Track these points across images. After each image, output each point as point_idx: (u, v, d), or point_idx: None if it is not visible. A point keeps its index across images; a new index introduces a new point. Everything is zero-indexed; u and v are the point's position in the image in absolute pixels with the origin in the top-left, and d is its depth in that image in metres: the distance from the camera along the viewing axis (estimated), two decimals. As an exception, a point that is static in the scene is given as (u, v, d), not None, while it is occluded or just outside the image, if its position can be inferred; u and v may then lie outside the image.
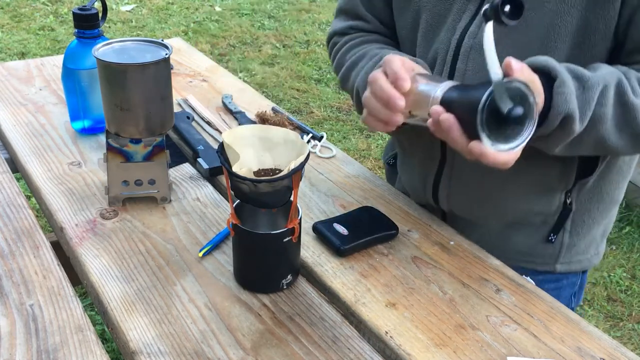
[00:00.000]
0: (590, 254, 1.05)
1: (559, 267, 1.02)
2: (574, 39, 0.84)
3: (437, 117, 0.73)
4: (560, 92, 0.76)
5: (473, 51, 0.90)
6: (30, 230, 0.93)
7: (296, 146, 0.82)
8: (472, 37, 0.90)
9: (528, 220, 0.99)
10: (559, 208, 0.97)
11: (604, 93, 0.78)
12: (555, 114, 0.77)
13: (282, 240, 0.81)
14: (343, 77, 1.04)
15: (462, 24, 0.91)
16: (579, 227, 1.00)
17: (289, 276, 0.85)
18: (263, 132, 0.84)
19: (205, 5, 4.69)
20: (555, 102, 0.76)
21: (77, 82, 1.14)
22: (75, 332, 0.76)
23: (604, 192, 0.99)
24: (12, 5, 4.39)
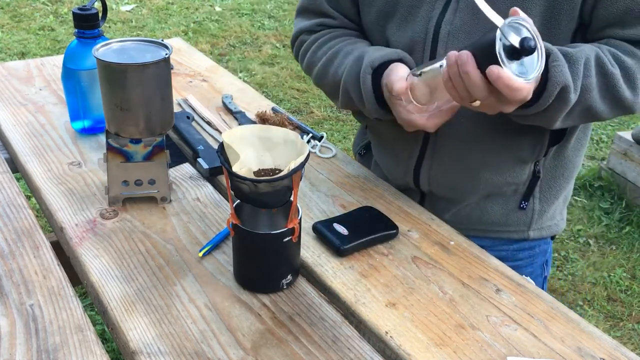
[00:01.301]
0: (556, 219, 1.12)
1: (531, 233, 1.08)
2: (542, 19, 0.89)
3: (453, 60, 0.77)
4: (556, 65, 0.82)
5: (451, 37, 0.94)
6: (30, 230, 0.93)
7: (296, 146, 0.82)
8: (449, 23, 0.94)
9: (502, 190, 1.04)
10: (529, 177, 1.03)
11: (587, 65, 0.85)
12: (553, 85, 0.82)
13: (282, 240, 0.81)
14: (319, 74, 1.07)
15: (436, 12, 0.95)
16: (547, 193, 1.07)
17: (289, 276, 0.84)
18: (263, 132, 0.84)
19: (205, 5, 4.69)
20: (551, 74, 0.82)
21: (77, 82, 1.14)
22: (75, 332, 0.76)
23: (566, 158, 1.06)
24: (12, 5, 4.39)
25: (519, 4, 0.88)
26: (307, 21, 1.11)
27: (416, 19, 0.97)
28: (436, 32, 0.95)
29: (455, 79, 0.78)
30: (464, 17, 0.93)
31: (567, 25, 0.90)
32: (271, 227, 0.87)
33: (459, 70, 0.77)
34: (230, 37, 4.18)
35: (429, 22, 0.96)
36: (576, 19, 0.90)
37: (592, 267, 2.34)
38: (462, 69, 0.76)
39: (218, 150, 0.80)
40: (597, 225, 2.53)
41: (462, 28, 0.93)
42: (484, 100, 0.79)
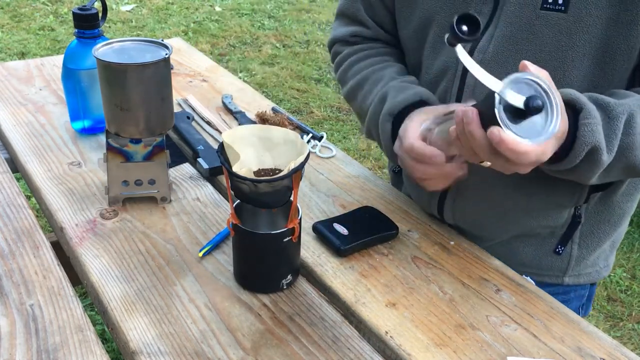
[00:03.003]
0: (599, 266, 1.03)
1: (567, 279, 1.00)
2: (594, 58, 0.82)
3: (460, 116, 0.71)
4: (586, 124, 0.75)
5: (483, 66, 0.85)
6: (30, 230, 0.93)
7: (296, 146, 0.82)
8: (482, 51, 0.88)
9: (535, 232, 0.97)
10: (567, 220, 0.95)
11: (630, 122, 0.77)
12: (581, 145, 0.75)
13: (282, 240, 0.81)
14: (348, 95, 1.05)
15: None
16: (588, 239, 0.98)
17: (289, 276, 0.84)
18: (263, 132, 0.84)
19: (205, 5, 4.69)
20: (580, 133, 0.75)
21: (77, 82, 1.14)
22: (75, 332, 0.76)
23: (614, 204, 0.97)
24: (12, 5, 4.39)
25: (567, 42, 0.82)
26: (343, 28, 1.08)
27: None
28: None
29: (462, 138, 0.73)
30: (499, 47, 0.86)
31: (624, 64, 0.82)
32: (271, 227, 0.87)
33: (464, 128, 0.71)
34: (230, 37, 4.18)
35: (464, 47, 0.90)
36: (635, 58, 0.82)
37: (592, 267, 2.34)
38: (467, 129, 0.71)
39: (218, 150, 0.80)
40: (597, 225, 2.53)
41: (494, 58, 0.87)
42: (492, 161, 0.73)
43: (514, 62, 0.85)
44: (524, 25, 0.84)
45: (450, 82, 0.92)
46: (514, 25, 0.85)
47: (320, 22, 4.50)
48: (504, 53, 0.86)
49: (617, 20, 0.79)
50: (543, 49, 0.84)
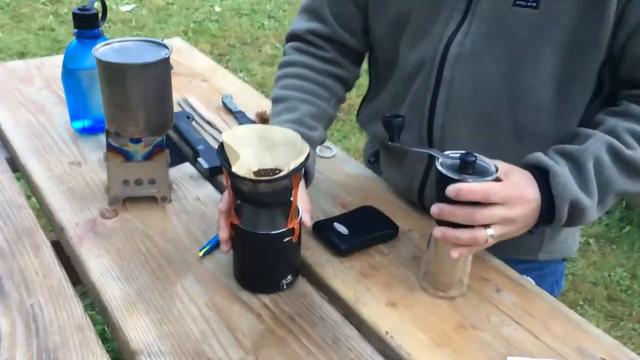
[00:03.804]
0: (569, 242, 1.09)
1: (541, 256, 1.06)
2: (563, 52, 0.85)
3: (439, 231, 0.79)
4: (557, 183, 0.81)
5: (459, 60, 0.91)
6: (30, 229, 0.93)
7: (296, 146, 0.82)
8: (459, 45, 0.90)
9: None
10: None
11: (599, 162, 0.82)
12: (561, 202, 0.81)
13: (282, 241, 0.81)
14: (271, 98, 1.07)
15: (448, 32, 0.91)
16: None
17: (289, 276, 0.84)
18: (263, 132, 0.84)
19: (205, 5, 4.69)
20: (555, 193, 0.81)
21: (77, 82, 1.14)
22: (76, 331, 0.76)
23: None
24: (12, 6, 4.39)
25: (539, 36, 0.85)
26: (302, 23, 1.09)
27: (428, 38, 0.94)
28: (445, 54, 0.91)
29: (452, 236, 0.78)
30: (475, 41, 0.89)
31: (592, 58, 0.86)
32: (271, 227, 0.86)
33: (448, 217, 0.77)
34: (230, 37, 4.18)
35: (439, 42, 0.92)
36: (603, 53, 0.85)
37: (592, 266, 2.34)
38: (449, 218, 0.77)
39: (218, 150, 0.80)
40: (597, 224, 2.53)
41: (471, 51, 0.89)
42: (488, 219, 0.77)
43: (489, 56, 0.89)
44: (497, 20, 0.87)
45: (427, 76, 0.94)
46: (488, 20, 0.87)
47: (320, 22, 4.49)
48: (479, 47, 0.89)
49: (585, 16, 0.82)
50: (516, 43, 0.87)
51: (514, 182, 0.79)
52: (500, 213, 0.77)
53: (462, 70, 0.91)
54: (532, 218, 0.82)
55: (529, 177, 0.82)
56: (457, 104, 0.93)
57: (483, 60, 0.89)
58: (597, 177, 0.82)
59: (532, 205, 0.80)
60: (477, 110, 0.92)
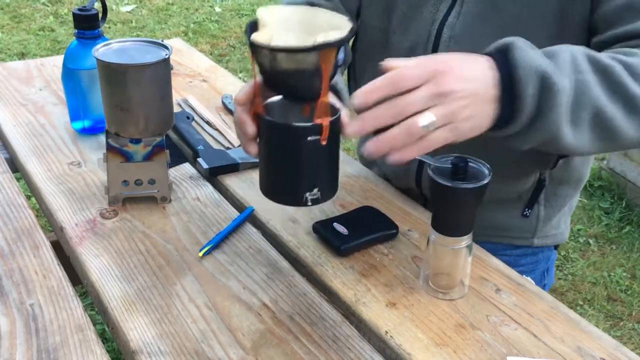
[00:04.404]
0: (561, 228, 1.09)
1: (536, 241, 1.06)
2: (551, 29, 0.85)
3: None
4: (519, 54, 0.66)
5: (452, 42, 0.91)
6: (30, 230, 0.93)
7: (342, 33, 0.66)
8: (451, 27, 0.91)
9: (504, 197, 1.01)
10: (533, 185, 1.00)
11: (574, 60, 0.70)
12: (525, 72, 0.66)
13: (305, 139, 0.65)
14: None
15: (439, 15, 0.92)
16: (552, 200, 1.03)
17: (315, 190, 0.68)
18: (308, 14, 0.69)
19: (205, 5, 4.69)
20: (516, 63, 0.66)
21: (77, 82, 1.14)
22: (76, 331, 0.76)
23: (573, 167, 1.02)
24: (12, 6, 4.39)
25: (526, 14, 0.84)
26: None
27: (419, 21, 0.94)
28: (438, 36, 0.91)
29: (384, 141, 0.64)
30: (466, 23, 0.89)
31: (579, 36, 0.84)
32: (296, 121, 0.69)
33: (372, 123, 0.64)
34: (230, 38, 4.18)
35: (432, 24, 0.92)
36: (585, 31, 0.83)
37: (592, 266, 2.34)
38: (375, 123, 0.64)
39: (247, 29, 0.66)
40: (597, 224, 2.53)
41: (464, 33, 0.89)
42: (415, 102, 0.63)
43: (480, 36, 0.85)
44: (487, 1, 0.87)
45: None
46: (480, 1, 0.88)
47: (320, 23, 4.49)
48: (471, 29, 0.89)
49: None
50: (506, 22, 0.86)
51: (434, 57, 0.66)
52: (424, 92, 0.63)
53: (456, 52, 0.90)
54: (486, 97, 0.66)
55: (468, 55, 0.68)
56: None
57: (474, 41, 0.86)
58: (573, 76, 0.69)
59: (476, 79, 0.66)
60: None
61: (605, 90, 0.71)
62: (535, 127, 0.69)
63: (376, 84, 0.61)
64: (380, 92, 0.62)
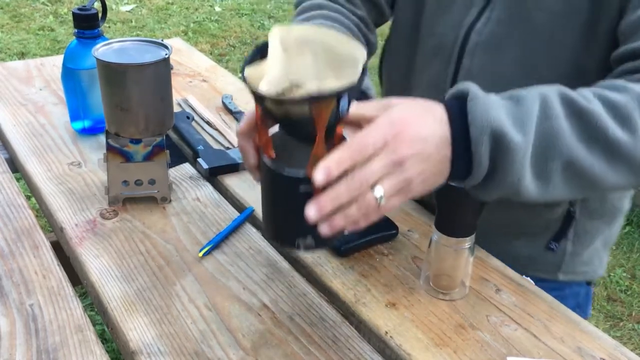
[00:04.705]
0: (594, 264, 1.00)
1: (561, 276, 0.99)
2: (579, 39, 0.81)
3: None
4: (475, 106, 0.62)
5: (479, 49, 0.88)
6: (30, 230, 0.93)
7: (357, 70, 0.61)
8: (478, 33, 0.87)
9: (529, 228, 0.96)
10: (561, 216, 0.94)
11: (546, 105, 0.64)
12: (478, 129, 0.62)
13: (297, 187, 0.62)
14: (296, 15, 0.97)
15: (469, 20, 0.89)
16: (582, 236, 0.96)
17: (309, 238, 0.65)
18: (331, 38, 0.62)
19: (205, 5, 4.69)
20: (471, 117, 0.62)
21: (77, 82, 1.14)
22: (75, 332, 0.76)
23: (608, 201, 0.95)
24: (11, 6, 4.39)
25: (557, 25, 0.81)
26: None
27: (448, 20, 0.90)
28: (464, 41, 0.88)
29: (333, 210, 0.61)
30: (495, 29, 0.86)
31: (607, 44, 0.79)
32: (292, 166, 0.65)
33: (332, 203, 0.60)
34: (230, 37, 4.18)
35: (459, 27, 0.88)
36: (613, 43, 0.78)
37: (592, 267, 2.34)
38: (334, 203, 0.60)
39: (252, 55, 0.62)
40: (597, 225, 2.53)
41: (490, 41, 0.86)
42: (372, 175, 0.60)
43: (508, 45, 0.85)
44: (517, 8, 0.84)
45: (445, 63, 0.91)
46: (509, 7, 0.85)
47: (320, 22, 4.49)
48: (499, 35, 0.86)
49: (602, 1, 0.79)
50: (536, 31, 0.83)
51: (388, 118, 0.61)
52: (380, 163, 0.60)
53: (481, 60, 0.88)
54: (439, 158, 0.63)
55: (424, 107, 0.64)
56: None
57: (500, 49, 0.86)
58: (540, 123, 0.63)
59: (429, 141, 0.62)
60: None
61: (580, 137, 0.64)
62: (494, 183, 0.66)
63: (338, 156, 0.59)
64: (344, 165, 0.59)
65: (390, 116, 0.61)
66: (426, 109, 0.63)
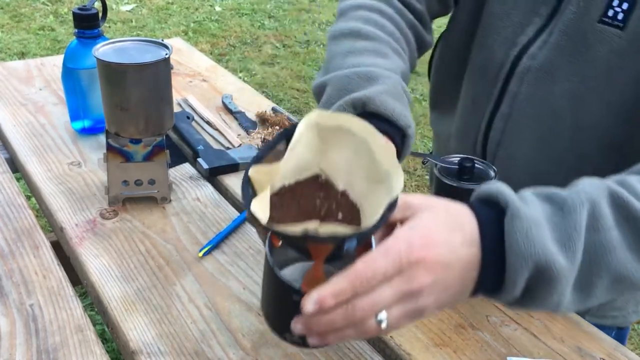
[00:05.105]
0: (627, 310, 0.92)
1: (587, 318, 0.86)
2: (637, 80, 0.76)
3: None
4: (516, 229, 0.52)
5: (530, 75, 0.81)
6: (30, 230, 0.93)
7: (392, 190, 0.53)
8: (532, 57, 0.80)
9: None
10: None
11: (595, 214, 0.55)
12: (518, 261, 0.52)
13: (289, 295, 0.58)
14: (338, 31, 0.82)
15: (523, 39, 0.82)
16: None
17: (296, 336, 0.59)
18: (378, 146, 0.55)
19: (205, 5, 4.69)
20: (511, 244, 0.52)
21: (77, 82, 1.14)
22: (75, 332, 0.76)
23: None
24: (12, 5, 4.39)
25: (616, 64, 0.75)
26: None
27: (498, 37, 0.83)
28: (515, 63, 0.81)
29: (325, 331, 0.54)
30: (549, 55, 0.79)
31: None
32: (290, 272, 0.66)
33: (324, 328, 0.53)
34: (230, 37, 4.18)
35: (512, 46, 0.81)
36: None
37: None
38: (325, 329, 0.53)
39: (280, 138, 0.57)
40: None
41: (543, 68, 0.79)
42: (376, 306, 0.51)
43: (563, 73, 0.79)
44: (578, 36, 0.77)
45: (491, 84, 0.84)
46: (568, 34, 0.78)
47: (320, 22, 4.50)
48: (554, 62, 0.79)
49: None
50: (593, 65, 0.77)
51: (407, 240, 0.52)
52: (389, 292, 0.51)
53: (530, 87, 0.81)
54: (461, 283, 0.54)
55: (451, 221, 0.54)
56: (518, 122, 0.83)
57: (553, 79, 0.79)
58: (589, 237, 0.54)
59: (453, 267, 0.53)
60: (537, 133, 0.83)
61: (632, 246, 0.55)
62: (526, 304, 0.57)
63: (338, 287, 0.50)
64: (343, 297, 0.50)
65: (409, 236, 0.52)
66: (454, 225, 0.53)
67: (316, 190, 0.57)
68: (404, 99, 0.72)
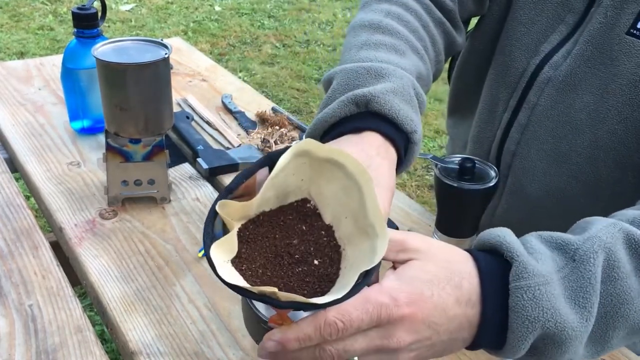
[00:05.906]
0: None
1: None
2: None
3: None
4: (522, 289, 0.46)
5: (551, 85, 0.78)
6: (29, 230, 0.93)
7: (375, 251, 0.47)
8: (554, 67, 0.77)
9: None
10: None
11: (610, 263, 0.49)
12: (523, 326, 0.47)
13: (261, 324, 0.58)
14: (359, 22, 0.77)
15: (546, 47, 0.79)
16: None
17: None
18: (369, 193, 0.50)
19: (205, 4, 4.69)
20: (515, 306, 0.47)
21: (76, 81, 1.14)
22: (75, 332, 0.76)
23: None
24: (11, 5, 4.39)
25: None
26: None
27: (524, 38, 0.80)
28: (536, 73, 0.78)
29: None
30: (573, 65, 0.76)
31: None
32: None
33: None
34: (230, 37, 4.17)
35: (534, 54, 0.78)
36: None
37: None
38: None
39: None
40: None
41: (566, 79, 0.76)
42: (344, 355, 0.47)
43: (585, 85, 0.76)
44: (604, 47, 0.74)
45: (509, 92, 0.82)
46: (594, 45, 0.75)
47: (320, 22, 4.49)
48: (577, 73, 0.76)
49: None
50: (617, 79, 0.74)
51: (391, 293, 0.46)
52: (363, 344, 0.46)
53: (550, 98, 0.79)
54: (451, 343, 0.49)
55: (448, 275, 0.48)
56: (535, 133, 0.81)
57: (575, 91, 0.76)
58: (605, 289, 0.49)
59: (442, 327, 0.47)
60: (554, 147, 0.80)
61: None
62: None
63: (303, 333, 0.45)
64: (307, 343, 0.46)
65: (395, 289, 0.46)
66: (449, 279, 0.47)
67: (299, 221, 0.53)
68: (414, 102, 0.65)
